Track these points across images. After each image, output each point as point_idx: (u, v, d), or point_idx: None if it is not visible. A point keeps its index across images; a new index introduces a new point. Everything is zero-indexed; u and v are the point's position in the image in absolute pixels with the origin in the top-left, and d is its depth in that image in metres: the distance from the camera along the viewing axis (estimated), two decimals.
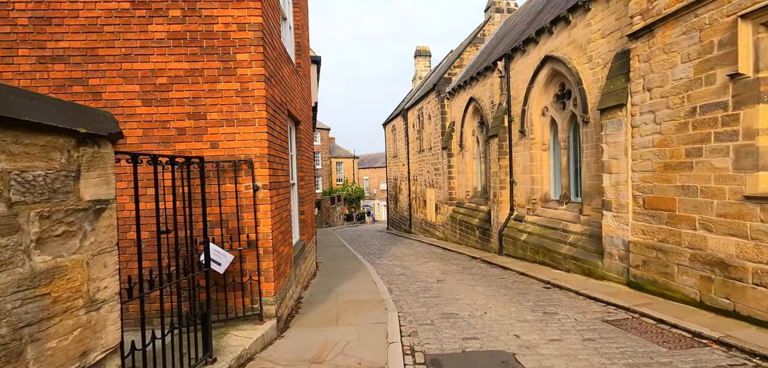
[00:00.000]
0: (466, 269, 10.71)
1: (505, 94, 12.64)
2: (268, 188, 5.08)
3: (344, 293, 7.80)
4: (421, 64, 32.97)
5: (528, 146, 11.45)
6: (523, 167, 11.73)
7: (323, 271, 10.35)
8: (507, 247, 12.11)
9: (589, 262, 8.38)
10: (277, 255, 5.44)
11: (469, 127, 16.32)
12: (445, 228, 18.54)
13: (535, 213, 11.26)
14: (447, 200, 18.17)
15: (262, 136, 5.03)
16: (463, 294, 7.76)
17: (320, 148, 51.94)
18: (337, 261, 12.18)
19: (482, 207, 14.95)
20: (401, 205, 28.22)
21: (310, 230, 9.31)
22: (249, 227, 5.04)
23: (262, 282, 5.10)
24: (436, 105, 19.40)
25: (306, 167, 9.05)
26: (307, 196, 8.99)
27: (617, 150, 7.40)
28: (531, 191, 11.45)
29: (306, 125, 9.15)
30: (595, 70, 8.56)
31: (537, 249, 10.41)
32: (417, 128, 23.49)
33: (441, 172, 18.94)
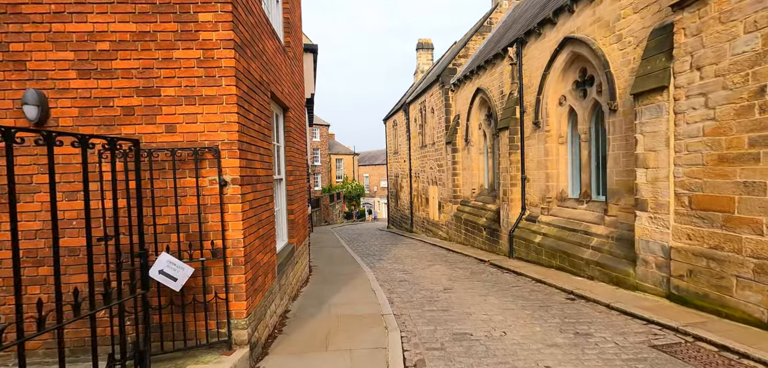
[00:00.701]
0: (474, 274, 9.69)
1: (516, 82, 11.59)
2: (240, 184, 4.05)
3: (338, 305, 6.78)
4: (424, 58, 31.90)
5: (543, 138, 10.40)
6: (537, 163, 10.69)
7: (317, 276, 9.33)
8: (518, 249, 11.08)
9: (618, 269, 7.35)
10: (253, 266, 4.42)
11: (476, 120, 15.27)
12: (448, 228, 17.51)
13: (551, 213, 10.23)
14: (451, 198, 17.14)
15: (231, 118, 4.00)
16: (475, 306, 6.74)
17: (319, 144, 50.92)
18: (334, 264, 11.16)
19: (489, 206, 13.93)
20: (402, 203, 27.19)
21: (301, 231, 8.29)
22: (215, 233, 4.02)
23: (231, 301, 4.08)
24: (439, 97, 18.34)
25: (297, 161, 8.02)
26: (298, 193, 7.97)
27: (656, 141, 6.36)
28: (546, 189, 10.41)
29: (297, 113, 8.12)
30: (626, 51, 7.50)
31: (554, 253, 9.38)
32: (419, 122, 22.44)
33: (444, 168, 17.91)
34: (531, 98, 10.86)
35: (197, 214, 3.94)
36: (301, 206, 8.38)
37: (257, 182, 4.72)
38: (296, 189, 7.77)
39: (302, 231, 8.42)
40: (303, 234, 8.56)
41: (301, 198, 8.44)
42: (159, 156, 3.91)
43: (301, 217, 8.34)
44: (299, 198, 8.08)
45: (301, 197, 8.48)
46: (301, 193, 8.43)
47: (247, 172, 4.30)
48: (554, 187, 10.27)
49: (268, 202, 5.26)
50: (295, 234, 7.48)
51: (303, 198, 8.63)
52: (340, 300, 7.08)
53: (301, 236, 8.23)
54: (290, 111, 7.34)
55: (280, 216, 7.13)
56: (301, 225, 8.34)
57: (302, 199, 8.50)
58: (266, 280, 5.07)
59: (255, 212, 4.57)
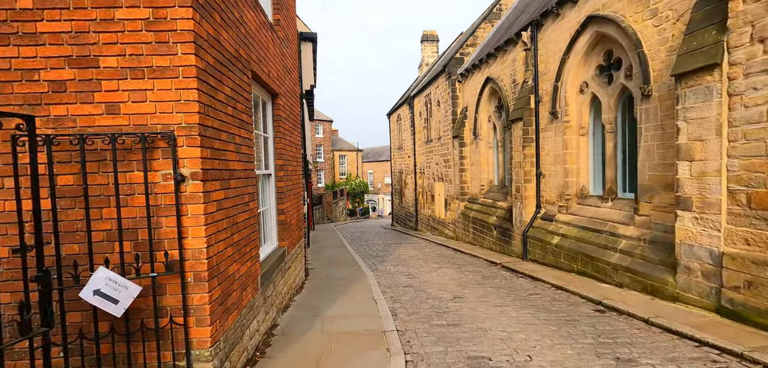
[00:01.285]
0: (486, 279, 8.82)
1: (531, 70, 10.66)
2: (202, 179, 3.20)
3: (334, 318, 5.93)
4: (428, 50, 30.95)
5: (561, 130, 9.48)
6: (554, 156, 9.77)
7: (313, 282, 8.50)
8: (533, 251, 10.18)
9: (653, 277, 6.45)
10: (222, 281, 3.58)
11: (485, 112, 14.35)
12: (455, 226, 16.63)
13: (570, 212, 9.31)
14: (458, 195, 16.25)
15: (189, 95, 3.15)
16: (490, 320, 5.87)
17: (323, 140, 50.15)
18: (333, 266, 10.34)
19: (500, 203, 13.02)
20: (407, 200, 26.33)
21: (295, 233, 7.46)
22: (170, 241, 3.18)
23: (192, 327, 3.24)
24: (445, 89, 17.42)
25: (290, 155, 7.18)
26: (291, 190, 7.13)
27: (703, 129, 5.44)
28: (564, 185, 9.50)
29: (289, 102, 7.27)
30: (662, 28, 6.57)
31: (574, 256, 8.47)
32: (424, 116, 21.53)
33: (451, 164, 17.01)
34: (547, 86, 9.93)
35: (147, 217, 3.10)
36: (295, 204, 7.54)
37: (231, 177, 3.87)
38: (288, 186, 6.94)
39: (296, 233, 7.59)
40: (297, 236, 7.73)
41: (295, 196, 7.60)
42: (96, 144, 3.07)
43: (295, 217, 7.50)
44: (292, 196, 7.24)
45: (295, 195, 7.64)
46: (294, 190, 7.59)
47: (214, 164, 3.45)
48: (573, 183, 9.35)
49: (248, 201, 4.41)
50: (286, 236, 6.64)
51: (297, 196, 7.80)
52: (337, 312, 6.24)
53: (294, 238, 7.40)
54: (280, 98, 6.49)
55: (268, 217, 6.30)
56: (295, 226, 7.51)
57: (296, 197, 7.66)
58: (244, 295, 4.23)
59: (226, 215, 3.72)
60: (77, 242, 3.10)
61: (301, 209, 8.53)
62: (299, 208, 8.13)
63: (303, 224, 8.77)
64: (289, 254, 6.90)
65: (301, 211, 8.41)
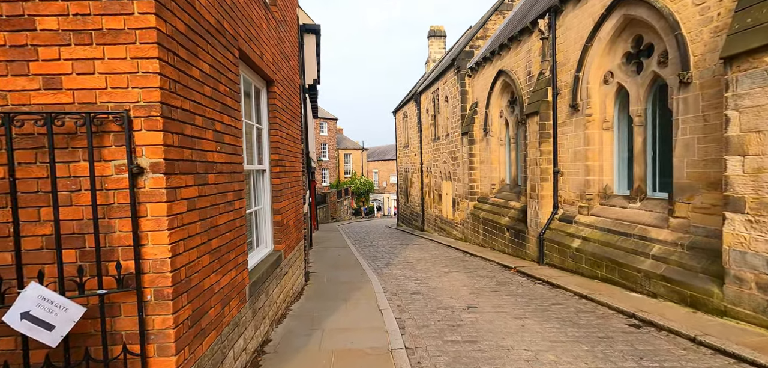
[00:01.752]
0: (501, 285, 8.12)
1: (548, 60, 9.93)
2: (166, 172, 2.56)
3: (335, 332, 5.28)
4: (436, 46, 30.18)
5: (582, 124, 8.75)
6: (574, 153, 9.04)
7: (314, 287, 7.86)
8: (551, 255, 9.46)
9: (694, 287, 5.72)
10: (197, 297, 2.94)
11: (496, 107, 13.62)
12: (464, 227, 15.92)
13: (592, 212, 8.58)
14: (467, 194, 15.54)
15: (149, 66, 2.50)
16: (512, 335, 5.18)
17: (327, 139, 49.58)
18: (336, 269, 9.69)
19: (513, 203, 12.30)
20: (413, 199, 25.64)
21: (293, 234, 6.82)
22: (125, 249, 2.54)
23: (152, 357, 2.59)
24: (454, 84, 16.71)
25: (288, 149, 6.55)
26: (288, 188, 6.50)
27: (761, 118, 4.71)
28: (584, 184, 8.77)
29: (287, 91, 6.63)
30: (706, 6, 5.83)
31: (598, 261, 7.75)
32: (431, 113, 20.83)
33: (460, 162, 16.30)
34: (567, 77, 9.20)
35: (94, 219, 2.46)
36: (293, 204, 6.90)
37: (208, 171, 3.22)
38: (286, 183, 6.30)
39: (294, 235, 6.95)
40: (296, 238, 7.09)
41: (294, 194, 6.97)
42: (25, 126, 2.44)
43: (293, 217, 6.86)
44: (290, 194, 6.60)
45: (294, 193, 7.00)
46: (293, 188, 6.96)
47: (184, 154, 2.81)
48: (596, 181, 8.62)
49: (233, 200, 3.76)
50: (283, 239, 6.00)
51: (296, 194, 7.16)
52: (338, 324, 5.59)
53: (292, 240, 6.76)
54: (276, 86, 5.84)
55: (262, 217, 5.66)
56: (293, 227, 6.87)
57: (294, 195, 7.02)
58: (227, 310, 3.59)
59: (202, 216, 3.08)
60: (9, 251, 2.47)
61: (301, 209, 7.90)
62: (299, 207, 7.49)
63: (303, 225, 8.14)
64: (286, 259, 6.26)
65: (300, 211, 7.77)
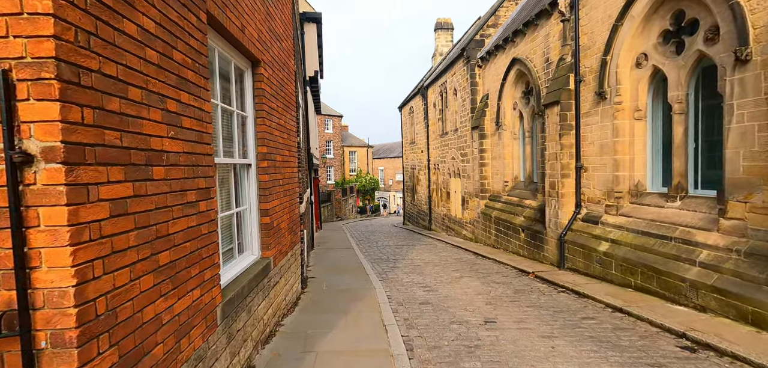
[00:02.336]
0: (520, 294, 7.27)
1: (569, 44, 9.02)
2: (65, 161, 1.75)
3: (331, 355, 4.47)
4: (443, 39, 29.24)
5: (609, 114, 7.84)
6: (600, 146, 8.14)
7: (311, 296, 7.06)
8: (573, 259, 8.58)
9: (756, 301, 4.83)
10: (127, 336, 2.13)
11: (509, 98, 12.72)
12: (474, 227, 15.05)
13: (622, 212, 7.68)
14: (477, 192, 14.66)
15: (38, 5, 1.69)
16: (540, 361, 4.33)
17: (332, 136, 48.84)
18: (337, 273, 8.89)
19: (528, 202, 11.41)
20: (419, 197, 24.80)
21: (286, 238, 6.03)
22: (5, 275, 1.74)
23: None
24: (464, 75, 15.81)
25: (279, 142, 5.76)
26: (280, 185, 5.70)
27: None
28: (612, 181, 7.87)
29: (278, 74, 5.83)
30: None
31: (631, 268, 6.86)
32: (439, 107, 19.95)
33: (470, 158, 15.42)
34: (592, 61, 8.29)
35: None
36: (287, 203, 6.10)
37: (152, 162, 2.41)
38: (277, 180, 5.50)
39: (288, 238, 6.14)
40: (290, 242, 6.29)
41: (288, 193, 6.17)
42: None
43: (286, 219, 6.06)
44: (282, 193, 5.80)
45: (288, 192, 6.21)
46: (287, 186, 6.16)
47: (106, 138, 2.00)
48: (626, 177, 7.71)
49: (196, 201, 2.95)
50: (272, 244, 5.20)
51: (290, 193, 6.36)
52: (335, 344, 4.78)
53: (285, 244, 5.96)
54: (264, 68, 5.03)
55: (246, 219, 4.86)
56: (287, 230, 6.07)
57: (288, 194, 6.22)
58: (184, 344, 2.78)
59: (140, 222, 2.26)
60: None
61: (297, 209, 7.09)
62: (294, 207, 6.69)
63: (300, 227, 7.34)
64: (277, 267, 5.46)
65: (296, 211, 6.97)
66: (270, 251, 5.10)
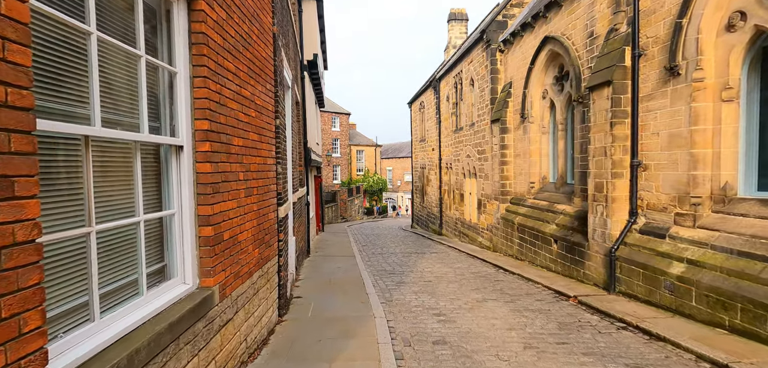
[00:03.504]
0: (566, 329, 5.47)
1: (625, 10, 7.18)
2: None
3: None
4: (456, 31, 27.39)
5: (685, 95, 6.01)
6: (670, 137, 6.30)
7: (289, 329, 5.35)
8: (628, 280, 6.75)
9: None
10: None
11: (538, 86, 10.89)
12: (492, 234, 13.23)
13: (702, 224, 5.84)
14: (497, 194, 12.84)
15: None
16: None
17: (339, 134, 47.23)
18: (331, 293, 7.18)
19: (561, 206, 9.58)
20: (429, 199, 23.01)
21: (250, 254, 4.33)
22: None
23: None
24: (482, 62, 14.01)
25: (238, 120, 4.08)
26: (237, 181, 4.03)
27: None
28: (688, 181, 6.03)
29: (242, 27, 4.13)
30: None
31: (726, 301, 5.02)
32: (453, 100, 18.16)
33: (488, 155, 13.61)
34: (658, 28, 6.45)
35: None
36: (252, 207, 4.39)
37: None
38: (231, 173, 3.80)
39: (252, 254, 4.43)
40: (256, 258, 4.58)
41: (252, 192, 4.47)
42: None
43: (250, 228, 4.35)
44: (243, 192, 4.10)
45: (255, 191, 4.51)
46: (255, 181, 4.48)
47: None
48: (707, 178, 5.87)
49: None
50: (220, 266, 3.50)
51: (259, 193, 4.65)
52: None
53: (247, 263, 4.26)
54: (208, 3, 3.34)
55: (173, 229, 3.17)
56: (250, 243, 4.36)
57: (255, 194, 4.51)
58: None
59: None
60: None
61: (273, 213, 5.40)
62: (266, 211, 4.99)
63: (277, 237, 5.64)
64: (229, 298, 3.75)
65: (271, 216, 5.27)
66: (212, 279, 3.39)
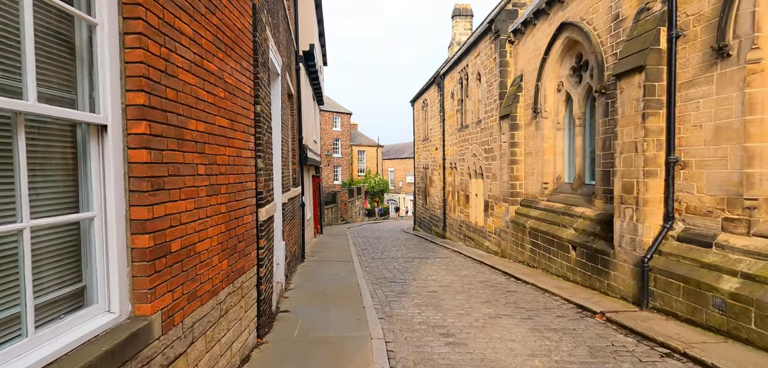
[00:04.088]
0: (597, 354, 4.58)
1: None
2: None
3: None
4: (461, 27, 26.50)
5: (737, 79, 5.11)
6: (716, 130, 5.41)
7: (269, 352, 4.47)
8: (665, 295, 5.85)
9: None
10: None
11: (553, 78, 10.01)
12: (501, 238, 12.32)
13: (759, 231, 4.93)
14: (506, 195, 11.95)
15: None
16: None
17: (340, 134, 46.39)
18: (323, 304, 6.30)
19: (579, 209, 8.68)
20: (432, 201, 22.12)
21: (215, 267, 3.47)
22: None
23: None
24: (490, 55, 13.13)
25: (197, 99, 3.22)
26: (195, 177, 3.18)
27: None
28: (741, 181, 5.14)
29: None
30: None
31: None
32: (458, 96, 17.28)
33: (496, 154, 12.72)
34: (702, 4, 5.56)
35: None
36: (219, 209, 3.53)
37: None
38: (187, 163, 2.95)
39: (218, 267, 3.56)
40: (224, 272, 3.71)
41: (219, 191, 3.61)
42: None
43: (215, 235, 3.48)
44: (205, 191, 3.23)
45: (224, 191, 3.66)
46: (224, 177, 3.62)
47: None
48: (764, 177, 4.97)
49: None
50: (175, 284, 2.65)
51: (229, 193, 3.79)
52: None
53: (211, 279, 3.39)
54: None
55: (93, 239, 2.31)
56: (217, 252, 3.49)
57: (223, 194, 3.65)
58: None
59: None
60: None
61: (251, 217, 4.53)
62: (238, 215, 4.13)
63: (256, 244, 4.77)
64: (178, 328, 2.88)
65: (247, 219, 4.41)
66: (152, 304, 2.53)
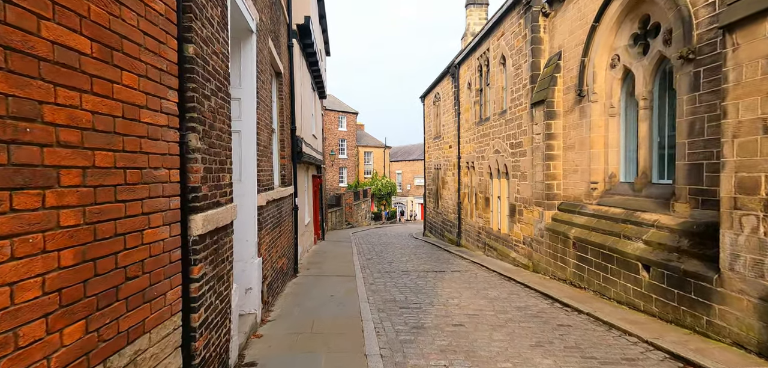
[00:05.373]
0: None
1: None
2: None
3: None
4: (475, 16, 24.57)
5: None
6: None
7: None
8: None
9: None
10: None
11: (605, 52, 8.01)
12: (533, 249, 10.30)
13: None
14: (540, 197, 9.95)
15: None
16: None
17: (346, 134, 44.58)
18: (309, 351, 4.39)
19: (649, 216, 6.65)
20: (445, 204, 20.13)
21: (47, 341, 1.56)
22: None
23: None
24: (519, 32, 11.15)
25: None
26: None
27: None
28: None
29: None
30: None
31: None
32: (476, 86, 15.31)
33: (526, 148, 10.73)
34: None
35: None
36: (37, 221, 1.64)
37: None
38: None
39: (54, 340, 1.66)
40: (77, 348, 1.81)
41: (50, 183, 1.70)
42: None
43: (42, 281, 1.58)
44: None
45: (84, 183, 1.75)
46: (69, 157, 1.71)
47: None
48: None
49: None
50: None
51: (108, 183, 1.91)
52: None
53: None
54: None
55: None
56: (48, 310, 1.58)
57: (72, 196, 1.77)
58: None
59: None
60: None
61: (157, 233, 2.63)
62: (125, 230, 2.21)
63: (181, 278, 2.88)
64: None
65: (149, 239, 2.50)
66: None
